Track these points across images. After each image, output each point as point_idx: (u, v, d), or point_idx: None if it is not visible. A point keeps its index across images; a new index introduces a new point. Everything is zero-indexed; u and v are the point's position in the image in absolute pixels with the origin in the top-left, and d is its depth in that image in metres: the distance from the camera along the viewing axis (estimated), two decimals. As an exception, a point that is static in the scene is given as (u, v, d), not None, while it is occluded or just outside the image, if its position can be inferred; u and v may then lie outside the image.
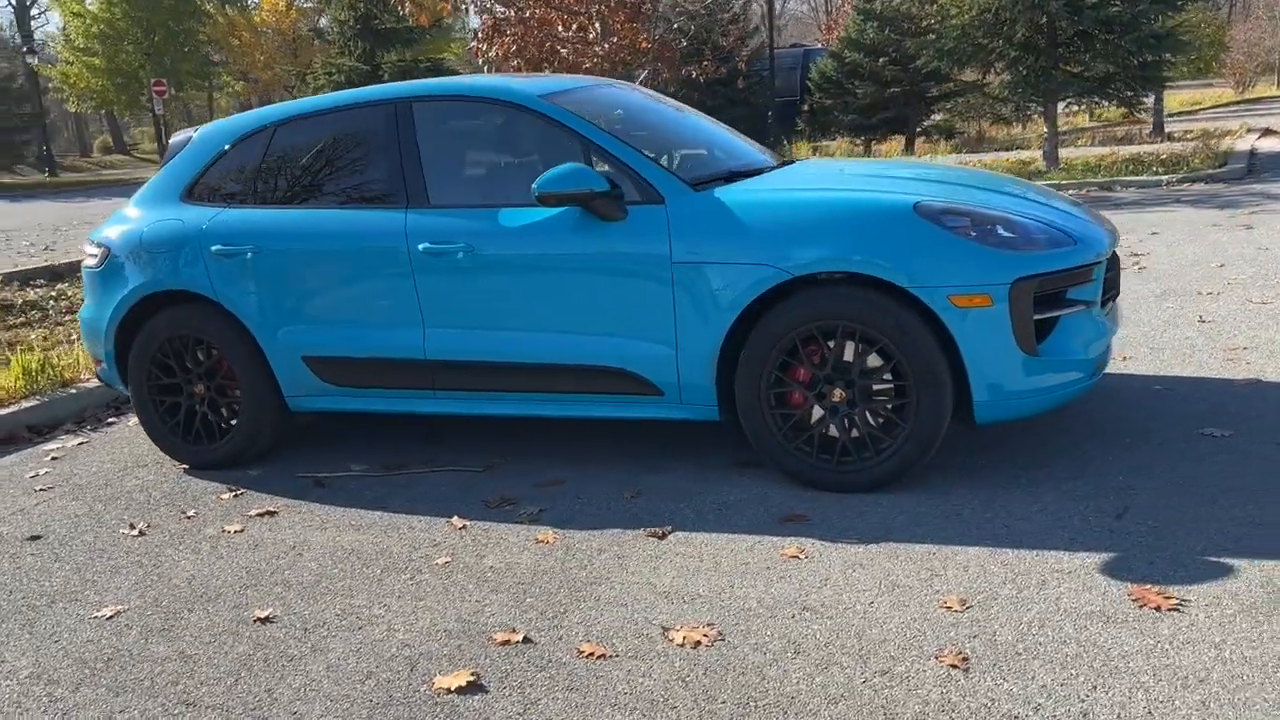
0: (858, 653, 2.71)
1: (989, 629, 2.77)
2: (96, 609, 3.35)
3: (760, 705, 2.52)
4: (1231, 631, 2.65)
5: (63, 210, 22.22)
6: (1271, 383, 4.60)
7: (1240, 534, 3.17)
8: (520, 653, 2.85)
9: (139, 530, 4.01)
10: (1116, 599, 2.86)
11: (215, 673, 2.89)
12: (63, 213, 21.20)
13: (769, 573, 3.21)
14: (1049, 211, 3.88)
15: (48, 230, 17.08)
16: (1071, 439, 4.10)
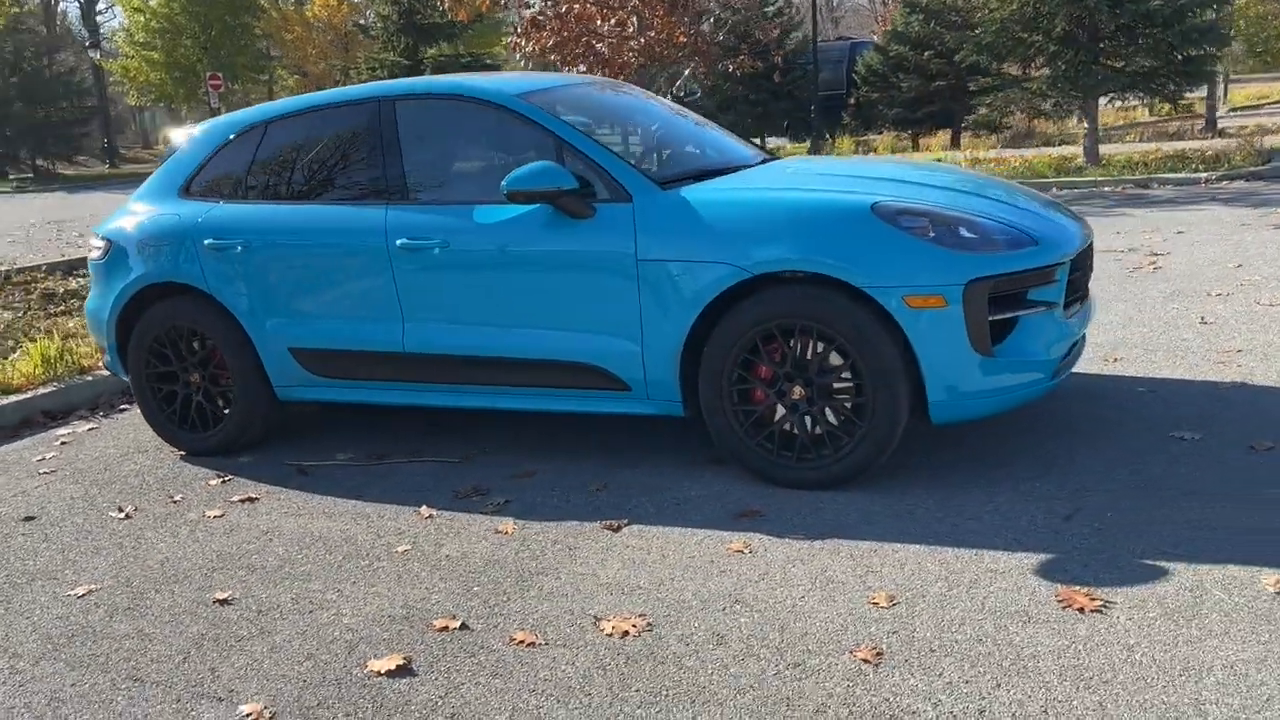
0: (777, 646, 2.76)
1: (910, 626, 2.80)
2: (71, 587, 3.51)
3: (670, 694, 2.58)
4: (1147, 634, 2.66)
5: (118, 201, 22.72)
6: (1257, 386, 4.54)
7: (1185, 537, 3.16)
8: (455, 639, 2.94)
9: (126, 513, 4.17)
10: (1042, 599, 2.88)
11: (167, 650, 3.02)
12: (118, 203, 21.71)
13: (711, 567, 3.27)
14: (1015, 213, 3.87)
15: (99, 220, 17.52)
16: (1040, 439, 4.10)
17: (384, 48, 18.30)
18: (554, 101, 4.32)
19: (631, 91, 5.19)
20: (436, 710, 2.60)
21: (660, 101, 5.22)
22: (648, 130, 4.84)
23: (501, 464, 4.37)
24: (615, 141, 4.32)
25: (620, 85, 5.25)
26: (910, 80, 21.12)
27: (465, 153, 4.38)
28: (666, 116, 5.01)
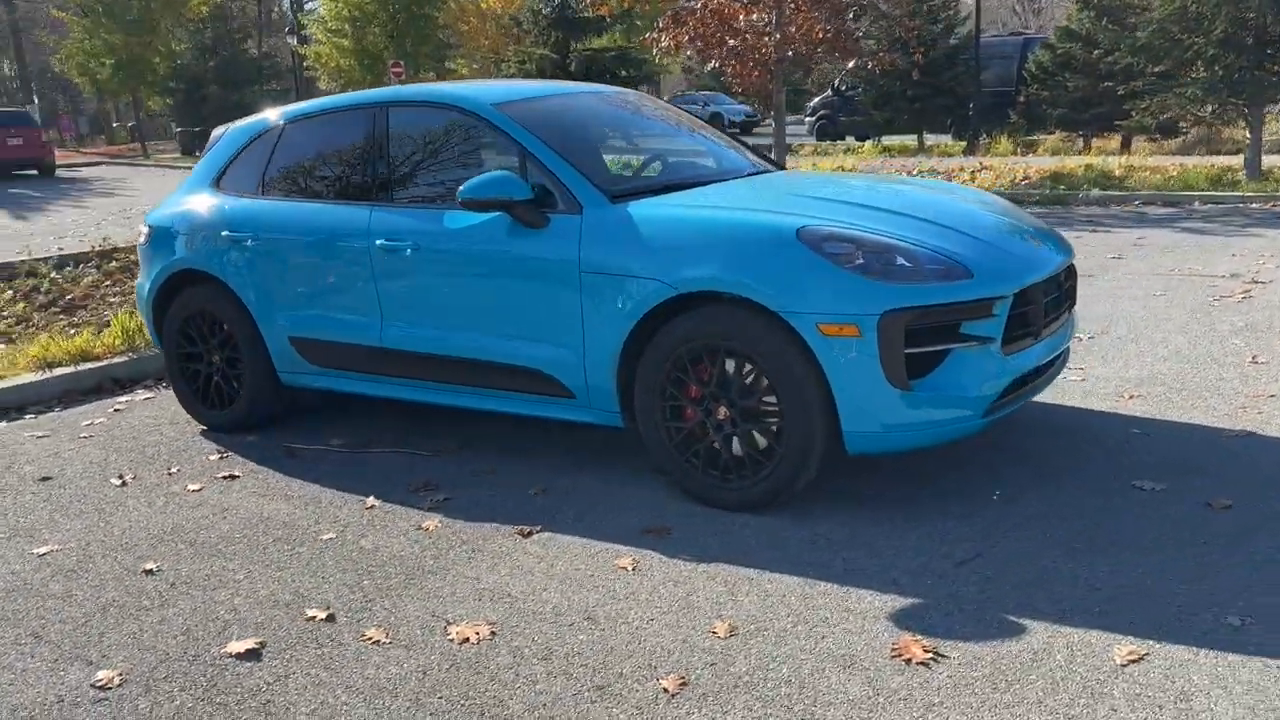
0: (595, 667, 2.80)
1: (731, 659, 2.79)
2: (40, 546, 3.86)
3: (465, 706, 2.66)
4: (957, 694, 2.56)
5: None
6: (1265, 437, 4.21)
7: (1070, 595, 3.01)
8: (315, 629, 3.11)
9: (123, 481, 4.53)
10: (877, 646, 2.80)
11: (77, 614, 3.30)
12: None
13: (587, 580, 3.31)
14: (964, 242, 3.72)
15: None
16: (994, 475, 3.94)
17: (535, 42, 18.77)
18: (533, 112, 4.42)
19: (634, 102, 5.22)
20: (255, 695, 2.77)
21: (664, 113, 5.24)
22: (637, 141, 4.87)
23: (469, 460, 4.52)
24: (606, 152, 4.39)
25: (626, 95, 5.29)
26: (1077, 80, 20.08)
27: (443, 159, 4.53)
28: (664, 127, 5.03)
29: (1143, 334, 5.93)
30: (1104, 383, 5.04)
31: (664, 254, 3.76)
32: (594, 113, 4.84)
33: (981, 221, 3.99)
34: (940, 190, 4.59)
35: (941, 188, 4.72)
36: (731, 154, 4.96)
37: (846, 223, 3.69)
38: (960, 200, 4.32)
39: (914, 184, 4.82)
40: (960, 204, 4.23)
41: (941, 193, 4.48)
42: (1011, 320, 3.64)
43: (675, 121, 5.18)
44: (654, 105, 5.30)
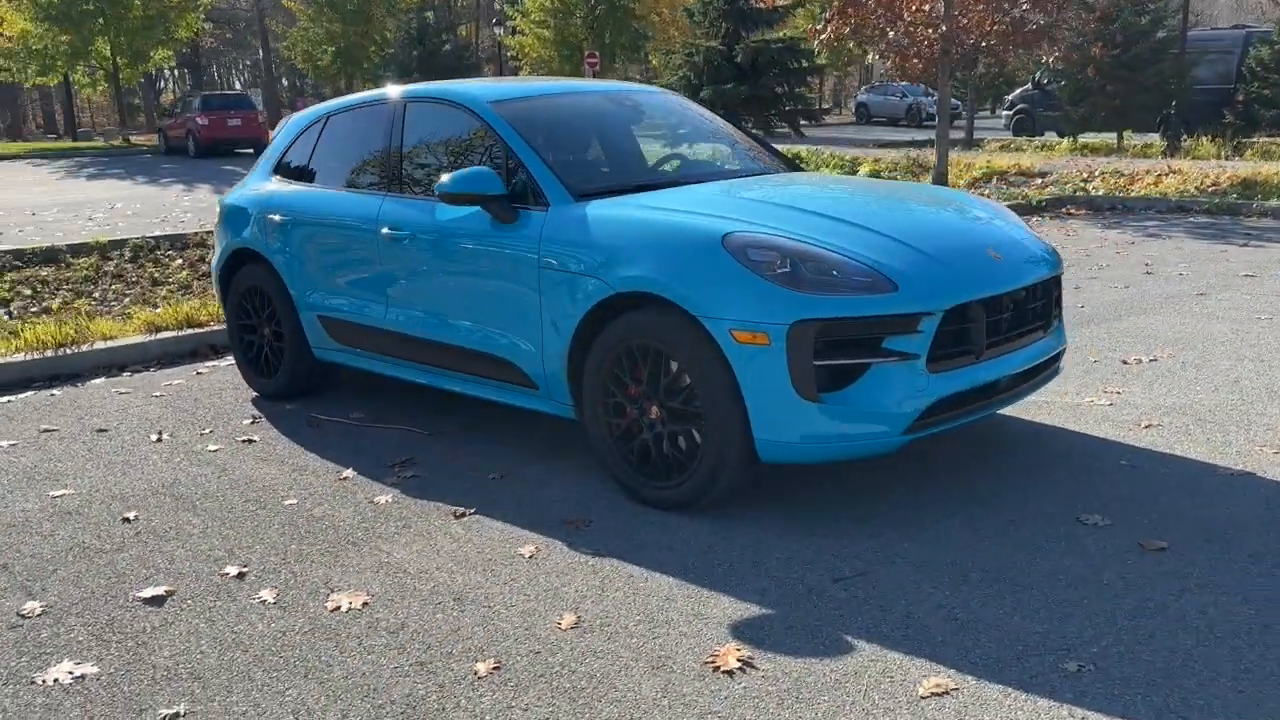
0: (432, 644, 2.95)
1: (555, 650, 2.88)
2: (58, 489, 4.34)
3: (299, 666, 2.87)
4: (745, 703, 2.57)
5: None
6: (1261, 479, 3.89)
7: (924, 624, 2.93)
8: (222, 584, 3.40)
9: (159, 437, 5.01)
10: (698, 652, 2.83)
11: (48, 550, 3.71)
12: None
13: (483, 563, 3.47)
14: (903, 254, 3.63)
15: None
16: (944, 495, 3.83)
17: (706, 33, 18.88)
18: (526, 111, 4.58)
19: (647, 103, 5.27)
20: (135, 636, 3.07)
21: (676, 115, 5.28)
22: (632, 141, 4.95)
23: (460, 441, 4.74)
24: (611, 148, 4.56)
25: (639, 97, 5.33)
26: (1295, 78, 18.41)
27: (444, 153, 4.74)
28: (668, 129, 5.08)
29: (1211, 360, 5.52)
30: (1130, 409, 4.75)
31: (607, 253, 3.84)
32: (594, 113, 4.95)
33: (936, 234, 3.86)
34: (923, 199, 4.44)
35: (933, 196, 4.54)
36: (734, 154, 4.96)
37: (783, 230, 3.67)
38: (936, 210, 4.19)
39: (898, 191, 4.67)
40: (930, 214, 4.11)
41: (921, 202, 4.35)
42: (943, 337, 3.53)
43: (681, 123, 5.22)
44: (670, 107, 5.34)
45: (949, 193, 4.62)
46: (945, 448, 4.33)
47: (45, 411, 5.51)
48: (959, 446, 4.36)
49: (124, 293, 8.73)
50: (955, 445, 4.37)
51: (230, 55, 60.41)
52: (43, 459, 4.74)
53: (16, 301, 8.42)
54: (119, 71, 28.07)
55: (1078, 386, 5.15)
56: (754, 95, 17.74)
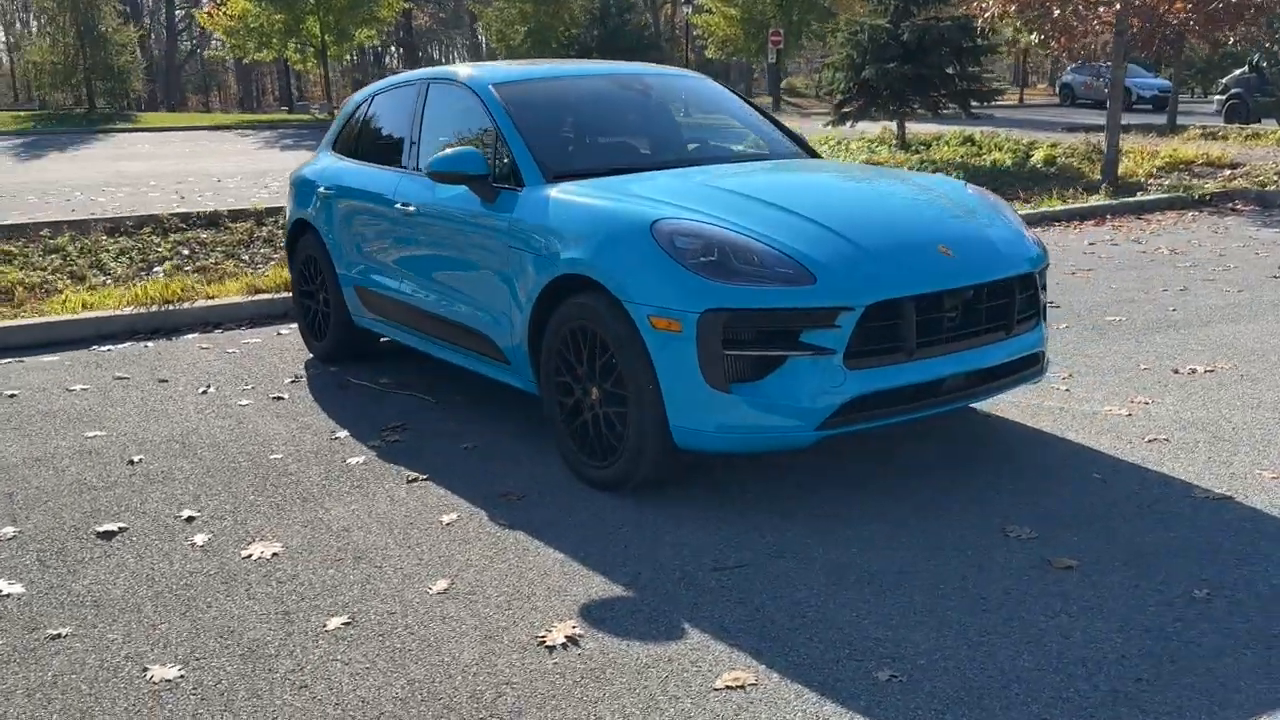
0: (308, 595, 3.14)
1: (410, 611, 3.01)
2: (93, 431, 4.80)
3: (180, 605, 3.11)
4: (548, 676, 2.64)
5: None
6: (1239, 505, 3.61)
7: (767, 620, 2.91)
8: (169, 527, 3.69)
9: (204, 390, 5.44)
10: (533, 626, 2.91)
11: (50, 485, 4.12)
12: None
13: (401, 527, 3.64)
14: (835, 246, 3.55)
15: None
16: (879, 498, 3.75)
17: (874, 10, 18.32)
18: (523, 92, 4.69)
19: (659, 87, 5.27)
20: (72, 566, 3.39)
21: (686, 100, 5.27)
22: (630, 124, 4.99)
23: (460, 411, 4.95)
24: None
25: (649, 80, 5.31)
26: None
27: (453, 132, 4.91)
28: (674, 113, 5.09)
29: (1266, 374, 5.08)
30: (1146, 421, 4.46)
31: (557, 235, 3.93)
32: (597, 96, 5.01)
33: (884, 228, 3.74)
34: (900, 192, 4.28)
35: (913, 188, 4.33)
36: (734, 139, 4.95)
37: (720, 219, 3.65)
38: (902, 203, 4.06)
39: (880, 183, 4.50)
40: (891, 207, 4.01)
41: (893, 195, 4.22)
42: (867, 334, 3.44)
43: (691, 106, 5.22)
44: (682, 90, 5.34)
45: (937, 184, 4.42)
46: (915, 446, 4.21)
47: (129, 361, 6.06)
48: (933, 445, 4.23)
49: (270, 256, 9.38)
50: (930, 444, 4.24)
51: (446, 34, 63.06)
52: (99, 403, 5.23)
53: (174, 260, 9.19)
54: (326, 49, 29.81)
55: (1105, 395, 4.85)
56: (919, 74, 17.13)
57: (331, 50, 30.12)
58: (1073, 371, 5.25)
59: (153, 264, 9.21)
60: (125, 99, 32.93)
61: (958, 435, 4.39)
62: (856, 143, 17.97)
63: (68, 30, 29.67)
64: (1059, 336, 5.87)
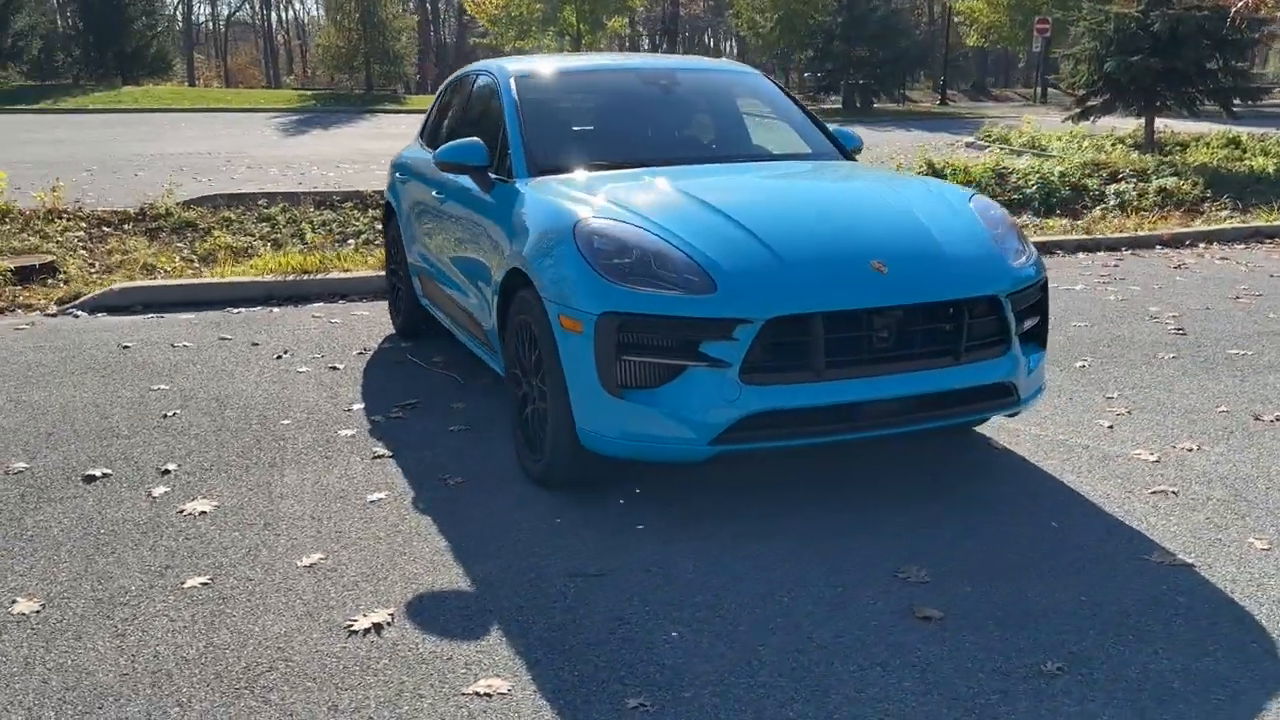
0: (196, 554, 3.36)
1: (264, 577, 3.18)
2: (158, 384, 5.29)
3: (97, 548, 3.41)
4: (340, 659, 2.73)
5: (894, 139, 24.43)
6: (1197, 577, 3.18)
7: (565, 636, 2.86)
8: (142, 478, 4.03)
9: (280, 356, 5.85)
10: (354, 609, 2.99)
11: (85, 428, 4.59)
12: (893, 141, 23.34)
13: (330, 500, 3.80)
14: (753, 255, 3.40)
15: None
16: (795, 523, 3.57)
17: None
18: (538, 85, 4.76)
19: (685, 83, 5.15)
20: (40, 503, 3.79)
21: (712, 99, 5.14)
22: (639, 119, 4.91)
23: (477, 394, 5.09)
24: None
25: (677, 74, 5.18)
26: None
27: (481, 122, 5.02)
28: (691, 110, 5.00)
29: (1371, 429, 4.39)
30: (1171, 470, 4.00)
31: (517, 229, 3.98)
32: (618, 90, 4.97)
33: (816, 239, 3.54)
34: (868, 201, 4.03)
35: (890, 198, 4.03)
36: (748, 139, 4.81)
37: (650, 222, 3.57)
38: (856, 214, 3.83)
39: (854, 190, 4.27)
40: (839, 217, 3.77)
41: (856, 204, 3.99)
42: (769, 349, 3.28)
43: (714, 103, 5.09)
44: (708, 86, 5.21)
45: (926, 195, 4.08)
46: (877, 467, 3.97)
47: (244, 324, 6.62)
48: (899, 468, 3.98)
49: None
50: (897, 467, 3.99)
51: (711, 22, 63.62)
52: (185, 360, 5.76)
53: (366, 234, 9.88)
54: (581, 37, 30.86)
55: (1149, 437, 4.36)
56: (1170, 69, 15.71)
57: (586, 38, 31.11)
58: (1134, 408, 4.74)
59: (348, 236, 9.93)
60: (399, 82, 35.49)
61: (939, 460, 4.09)
62: (1093, 140, 16.64)
63: (351, 15, 32.34)
64: (1159, 367, 5.33)
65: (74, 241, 9.55)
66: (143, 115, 26.21)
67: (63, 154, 16.65)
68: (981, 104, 36.80)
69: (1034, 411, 4.68)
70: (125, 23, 33.32)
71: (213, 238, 9.62)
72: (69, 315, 7.07)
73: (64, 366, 5.61)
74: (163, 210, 10.28)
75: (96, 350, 5.97)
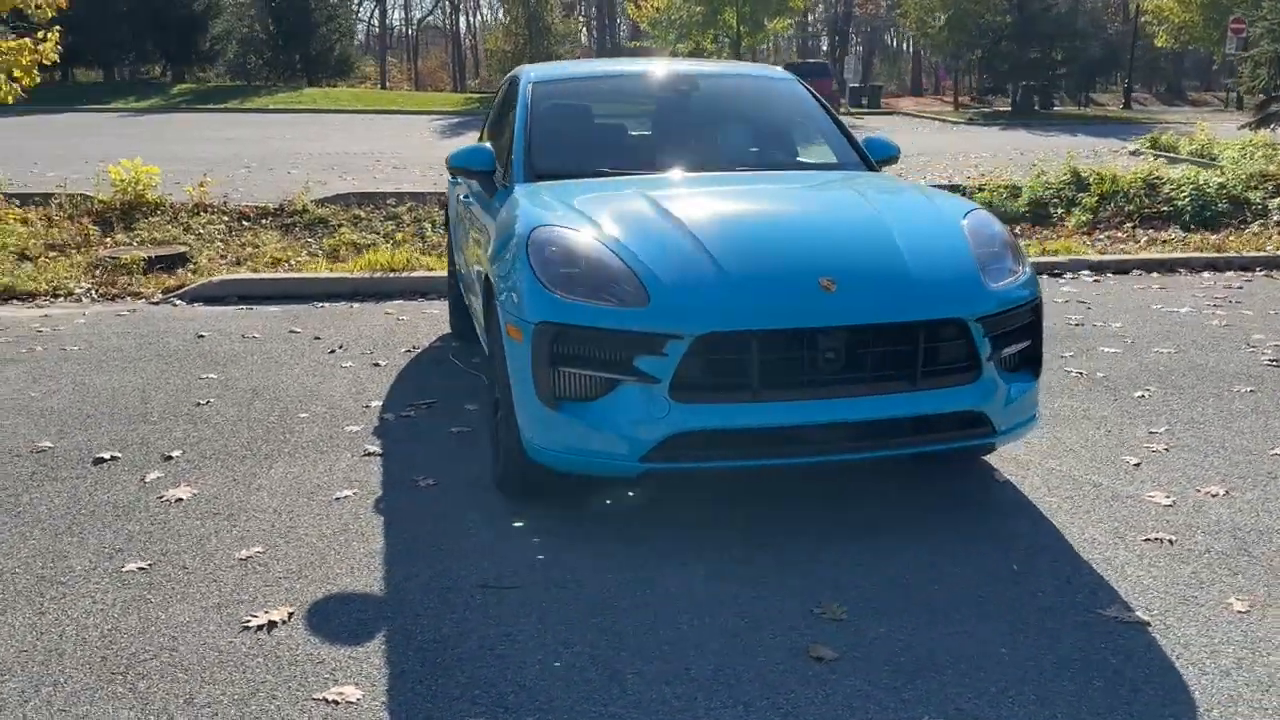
0: (152, 540, 3.50)
1: (200, 566, 3.28)
2: (209, 373, 5.56)
3: (74, 524, 3.60)
4: (211, 648, 2.81)
5: (1054, 143, 23.27)
6: (1147, 635, 2.90)
7: (462, 640, 2.84)
8: (146, 461, 4.24)
9: (332, 351, 6.07)
10: (258, 606, 3.05)
11: (124, 411, 4.87)
12: (1053, 144, 22.26)
13: (301, 494, 3.90)
14: (695, 269, 3.30)
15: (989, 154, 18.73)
16: (730, 544, 3.44)
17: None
18: (552, 91, 4.76)
19: (709, 88, 5.04)
20: (43, 481, 4.03)
21: (747, 97, 4.98)
22: (643, 122, 4.82)
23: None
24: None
25: (697, 79, 5.09)
26: None
27: (506, 125, 5.03)
28: (708, 114, 4.88)
29: None
30: (1181, 516, 3.67)
31: (496, 234, 3.99)
32: (624, 97, 4.92)
33: (764, 254, 3.40)
34: (841, 215, 3.84)
35: (872, 209, 3.80)
36: (753, 146, 4.69)
37: (604, 232, 3.50)
38: (822, 228, 3.67)
39: (833, 201, 4.10)
40: (799, 230, 3.61)
41: (833, 218, 3.80)
42: (701, 366, 3.18)
43: (733, 111, 4.96)
44: (748, 94, 5.04)
45: (916, 207, 3.84)
46: (846, 497, 3.77)
47: (319, 318, 6.91)
48: (876, 503, 3.77)
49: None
50: (873, 500, 3.78)
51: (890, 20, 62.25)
52: (247, 350, 6.04)
53: (437, 231, 10.19)
54: (740, 39, 30.73)
55: (1174, 478, 4.02)
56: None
57: (745, 40, 30.96)
58: (1176, 445, 4.36)
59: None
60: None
61: (927, 490, 3.88)
62: (1268, 149, 15.35)
63: (519, 20, 33.21)
64: (1227, 401, 4.91)
65: (213, 234, 10.16)
66: (317, 116, 27.70)
67: (229, 151, 17.75)
68: (1172, 108, 34.64)
69: (1059, 443, 4.37)
70: (311, 27, 35.22)
71: (340, 234, 10.04)
72: (169, 304, 7.53)
73: (137, 352, 5.96)
74: (299, 206, 10.81)
75: (172, 338, 6.33)
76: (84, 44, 31.03)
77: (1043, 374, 3.67)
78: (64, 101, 28.78)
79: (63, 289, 7.86)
